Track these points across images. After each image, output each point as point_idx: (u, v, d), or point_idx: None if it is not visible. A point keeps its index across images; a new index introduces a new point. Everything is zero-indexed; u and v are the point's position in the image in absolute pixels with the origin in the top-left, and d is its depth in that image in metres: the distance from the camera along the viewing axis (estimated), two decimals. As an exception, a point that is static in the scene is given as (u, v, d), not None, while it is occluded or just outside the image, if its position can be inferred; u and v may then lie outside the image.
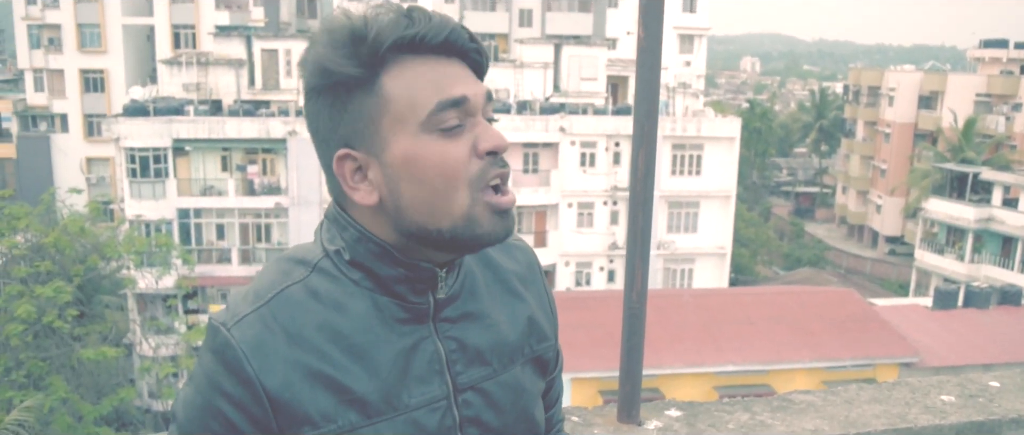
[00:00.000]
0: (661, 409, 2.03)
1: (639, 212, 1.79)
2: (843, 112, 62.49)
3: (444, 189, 1.09)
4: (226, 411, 1.09)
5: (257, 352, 1.08)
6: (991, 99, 50.66)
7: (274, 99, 32.34)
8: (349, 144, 1.11)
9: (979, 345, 22.59)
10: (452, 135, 1.09)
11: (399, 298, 1.15)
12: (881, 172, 55.16)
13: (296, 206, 29.07)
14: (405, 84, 1.08)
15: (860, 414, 2.05)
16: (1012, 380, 2.30)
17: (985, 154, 43.07)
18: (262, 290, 1.14)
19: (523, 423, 1.27)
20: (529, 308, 1.31)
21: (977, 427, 2.05)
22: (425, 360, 1.16)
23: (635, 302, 1.85)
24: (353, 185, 1.12)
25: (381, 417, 1.11)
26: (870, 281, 48.25)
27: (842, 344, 21.98)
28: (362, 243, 1.14)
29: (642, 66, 1.70)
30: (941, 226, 37.72)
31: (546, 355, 1.33)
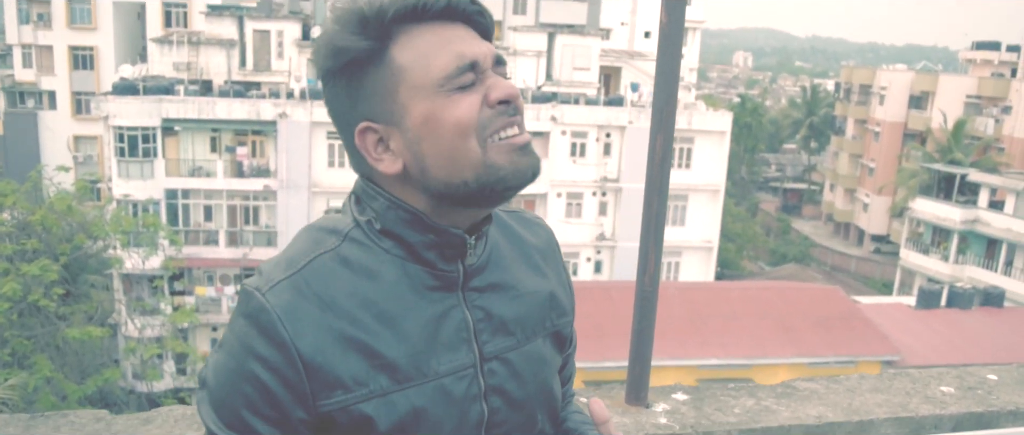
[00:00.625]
0: (668, 393, 2.07)
1: (655, 198, 1.81)
2: (834, 109, 62.72)
3: (459, 140, 1.12)
4: (260, 374, 1.10)
5: (291, 316, 1.10)
6: (981, 101, 50.92)
7: (265, 81, 32.17)
8: (368, 118, 1.15)
9: (960, 346, 22.77)
10: (466, 91, 1.13)
11: (429, 266, 1.18)
12: (869, 171, 55.41)
13: (285, 189, 28.97)
14: (415, 52, 1.12)
15: (863, 403, 2.09)
16: (1009, 374, 2.35)
17: (973, 156, 43.28)
18: (295, 258, 1.16)
19: (542, 394, 1.29)
20: (550, 283, 1.34)
21: (976, 418, 2.10)
22: (453, 328, 1.19)
23: (647, 287, 1.88)
24: (377, 156, 1.16)
25: (411, 383, 1.14)
26: (855, 279, 48.54)
27: (825, 341, 22.12)
28: (392, 210, 1.17)
29: (663, 54, 1.72)
30: (927, 226, 37.95)
31: (565, 330, 1.36)
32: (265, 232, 29.42)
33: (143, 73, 31.40)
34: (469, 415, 1.19)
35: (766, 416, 1.97)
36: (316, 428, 1.13)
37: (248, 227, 29.52)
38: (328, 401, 1.11)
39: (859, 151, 57.38)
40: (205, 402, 1.16)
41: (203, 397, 1.17)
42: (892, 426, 2.02)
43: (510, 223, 1.34)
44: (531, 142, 1.17)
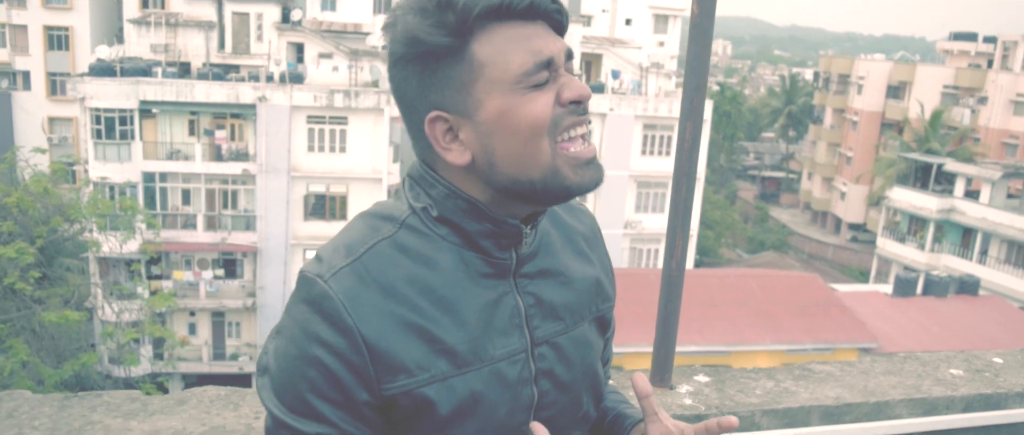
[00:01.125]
0: (690, 375, 2.11)
1: (683, 183, 1.84)
2: (812, 98, 63.08)
3: (531, 139, 1.14)
4: (324, 359, 1.12)
5: (354, 302, 1.12)
6: (958, 91, 51.39)
7: (244, 63, 31.92)
8: (440, 107, 1.16)
9: (936, 333, 23.07)
10: (540, 89, 1.14)
11: (484, 253, 1.20)
12: (847, 159, 55.85)
13: (264, 173, 28.79)
14: (495, 49, 1.13)
15: (877, 384, 2.14)
16: (1014, 358, 2.42)
17: (950, 146, 43.71)
18: (353, 245, 1.18)
19: (588, 378, 1.33)
20: (595, 269, 1.37)
21: (985, 399, 2.16)
22: (507, 314, 1.21)
23: (674, 272, 1.92)
24: (445, 146, 1.17)
25: (469, 367, 1.17)
26: (832, 267, 48.95)
27: (803, 328, 22.33)
28: (451, 200, 1.19)
29: (694, 41, 1.75)
30: (904, 215, 38.30)
31: (608, 315, 1.40)
32: (244, 216, 29.25)
33: (120, 54, 31.04)
34: (521, 398, 1.22)
35: (787, 397, 2.02)
36: (380, 410, 1.16)
37: (226, 211, 29.34)
38: (392, 385, 1.13)
39: (837, 140, 57.80)
40: (267, 389, 1.18)
41: (265, 384, 1.19)
42: (906, 407, 2.08)
43: (556, 210, 1.36)
44: (597, 154, 1.19)
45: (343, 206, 29.94)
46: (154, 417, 1.62)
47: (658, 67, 37.10)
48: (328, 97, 28.77)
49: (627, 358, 20.27)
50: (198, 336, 29.40)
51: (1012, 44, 53.73)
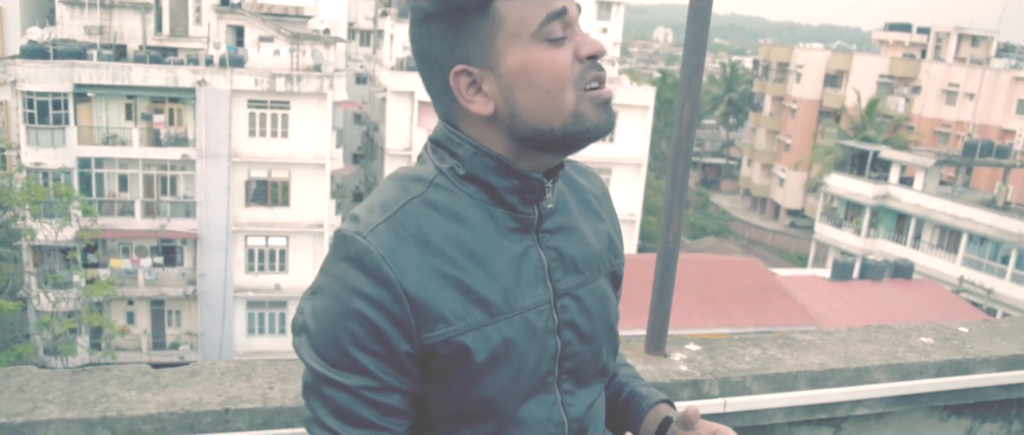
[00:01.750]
0: (681, 343, 2.20)
1: (681, 159, 1.92)
2: (752, 87, 64.03)
3: (555, 90, 1.21)
4: (366, 312, 1.17)
5: (393, 256, 1.18)
6: (893, 81, 52.66)
7: (183, 46, 31.32)
8: (464, 61, 1.22)
9: (873, 316, 23.69)
10: (558, 44, 1.22)
11: (510, 208, 1.27)
12: (786, 146, 56.90)
13: (204, 159, 28.32)
14: (515, 4, 1.21)
15: (857, 351, 2.25)
16: (978, 327, 2.56)
17: (885, 133, 44.78)
18: (388, 203, 1.24)
19: (607, 330, 1.40)
20: (607, 226, 1.46)
21: (955, 364, 2.29)
22: (532, 267, 1.29)
23: (670, 243, 1.99)
24: (469, 98, 1.24)
25: (502, 316, 1.24)
26: (771, 252, 49.89)
27: (744, 311, 22.73)
28: (478, 157, 1.26)
29: (692, 22, 1.82)
30: (841, 201, 39.18)
31: (619, 271, 1.48)
32: (183, 203, 28.78)
33: (52, 36, 30.25)
34: (547, 347, 1.29)
35: (775, 363, 2.12)
36: (419, 360, 1.22)
37: (165, 197, 28.83)
38: (432, 334, 1.19)
39: (776, 127, 58.83)
40: (306, 346, 1.23)
41: (303, 342, 1.23)
42: (884, 372, 2.20)
43: (570, 172, 1.44)
44: (613, 97, 1.27)
45: (285, 192, 29.63)
46: (168, 389, 1.64)
47: (602, 54, 37.27)
48: (269, 81, 28.41)
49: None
50: (137, 325, 28.89)
51: (945, 35, 55.23)
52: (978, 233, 32.82)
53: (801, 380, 2.07)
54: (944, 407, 2.43)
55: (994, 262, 32.45)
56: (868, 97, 47.65)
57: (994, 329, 2.56)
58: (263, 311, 30.11)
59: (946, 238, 34.49)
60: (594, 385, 1.40)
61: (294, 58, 29.92)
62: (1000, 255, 32.33)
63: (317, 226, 29.84)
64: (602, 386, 1.44)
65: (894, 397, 2.19)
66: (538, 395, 1.30)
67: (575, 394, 1.35)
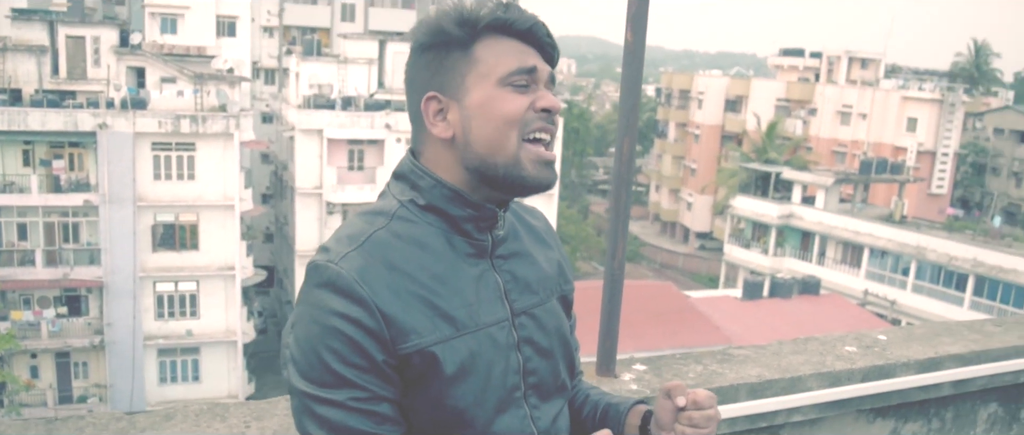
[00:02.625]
0: (629, 364, 2.32)
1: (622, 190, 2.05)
2: (656, 114, 65.38)
3: (503, 129, 1.37)
4: (344, 329, 1.28)
5: (365, 278, 1.31)
6: (790, 104, 54.51)
7: (82, 89, 30.42)
8: (438, 90, 1.39)
9: (784, 332, 24.35)
10: (519, 91, 1.39)
11: (466, 236, 1.42)
12: (691, 171, 58.22)
13: (107, 204, 27.54)
14: (493, 52, 1.39)
15: (790, 363, 2.42)
16: (895, 334, 2.77)
17: (785, 155, 46.24)
18: (355, 235, 1.37)
19: (563, 347, 1.54)
20: (557, 254, 1.61)
21: (878, 370, 2.48)
22: (490, 288, 1.42)
23: (616, 269, 2.11)
24: (433, 122, 1.40)
25: (467, 330, 1.37)
26: (683, 275, 50.85)
27: (662, 334, 23.12)
28: (437, 188, 1.40)
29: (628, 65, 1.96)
30: (747, 222, 40.24)
31: (570, 295, 1.62)
32: (87, 250, 27.87)
33: (-57, 83, 29.09)
34: (511, 361, 1.42)
35: (717, 378, 2.26)
36: (397, 369, 1.33)
37: (68, 245, 27.88)
38: (405, 345, 1.31)
39: (681, 153, 60.16)
40: (293, 374, 1.33)
41: (291, 371, 1.34)
42: (816, 380, 2.37)
43: (517, 209, 1.60)
44: (555, 161, 1.43)
45: (194, 235, 28.99)
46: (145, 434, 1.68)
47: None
48: (174, 123, 27.86)
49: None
50: (42, 379, 27.77)
51: (836, 59, 57.49)
52: (879, 247, 34.13)
53: (742, 392, 2.23)
54: (870, 410, 2.61)
55: (895, 274, 33.77)
56: (767, 120, 49.17)
57: (909, 335, 2.78)
58: (175, 359, 29.31)
59: (849, 253, 35.75)
60: (556, 400, 1.52)
61: (198, 99, 29.41)
62: (900, 267, 33.66)
63: (228, 269, 29.24)
64: (564, 402, 1.55)
65: (825, 403, 2.37)
66: (510, 410, 1.41)
67: (541, 409, 1.47)
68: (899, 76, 56.34)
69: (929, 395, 2.64)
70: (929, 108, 47.78)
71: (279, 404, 1.87)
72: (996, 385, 2.81)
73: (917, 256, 32.65)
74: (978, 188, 57.77)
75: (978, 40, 64.25)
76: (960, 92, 50.20)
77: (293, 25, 45.38)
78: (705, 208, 55.99)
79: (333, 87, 35.77)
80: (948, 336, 2.81)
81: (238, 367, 29.73)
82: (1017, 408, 2.98)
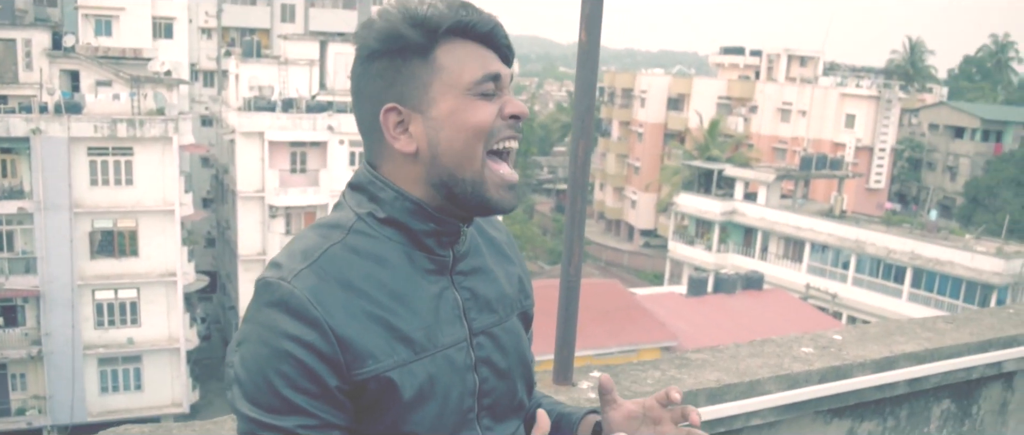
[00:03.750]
0: (586, 372, 2.27)
1: (577, 196, 1.99)
2: (599, 112, 65.76)
3: (473, 139, 1.29)
4: (296, 353, 1.19)
5: (318, 297, 1.21)
6: (731, 101, 55.22)
7: (13, 94, 29.69)
8: (397, 101, 1.30)
9: (729, 328, 24.65)
10: (487, 99, 1.31)
11: (427, 251, 1.34)
12: (635, 169, 58.66)
13: (42, 211, 26.88)
14: (455, 58, 1.30)
15: (747, 366, 2.39)
16: (850, 334, 2.76)
17: (727, 152, 46.82)
18: (308, 250, 1.28)
19: (522, 366, 1.47)
20: (517, 269, 1.54)
21: (835, 370, 2.47)
22: (449, 306, 1.35)
23: (572, 276, 2.06)
24: (395, 135, 1.31)
25: (425, 353, 1.29)
26: (628, 272, 51.18)
27: (607, 332, 23.24)
28: (399, 201, 1.32)
29: (582, 67, 1.90)
30: (691, 219, 40.65)
31: (530, 311, 1.55)
32: (22, 258, 27.18)
33: None
34: (467, 383, 1.34)
35: (675, 384, 2.22)
36: (350, 395, 1.24)
37: (2, 254, 27.18)
38: (361, 370, 1.22)
39: (625, 151, 60.59)
40: (239, 397, 1.23)
41: (237, 394, 1.24)
42: (774, 383, 2.34)
43: (478, 221, 1.51)
44: (517, 183, 1.37)
45: (133, 241, 28.42)
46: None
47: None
48: (110, 127, 27.28)
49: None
50: (-17, 392, 27.01)
51: (776, 57, 58.38)
52: (819, 242, 34.73)
53: (701, 397, 2.19)
54: (827, 410, 2.60)
55: (836, 268, 34.39)
56: (709, 118, 49.75)
57: (864, 335, 2.77)
58: (116, 368, 28.69)
59: (791, 248, 36.32)
60: (511, 421, 1.45)
61: (135, 102, 28.82)
62: (841, 261, 34.30)
63: (169, 275, 28.71)
64: (519, 422, 1.49)
65: (783, 406, 2.35)
66: (461, 433, 1.34)
67: (494, 430, 1.40)
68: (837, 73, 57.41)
69: (884, 394, 2.64)
70: (867, 105, 48.76)
71: (226, 423, 1.79)
72: (949, 383, 2.83)
73: (857, 250, 33.28)
74: (914, 183, 59.11)
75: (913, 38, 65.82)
76: (896, 89, 51.34)
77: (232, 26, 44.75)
78: (649, 206, 56.45)
79: (274, 89, 35.32)
80: (902, 335, 2.82)
81: (182, 375, 29.21)
82: (969, 404, 3.01)
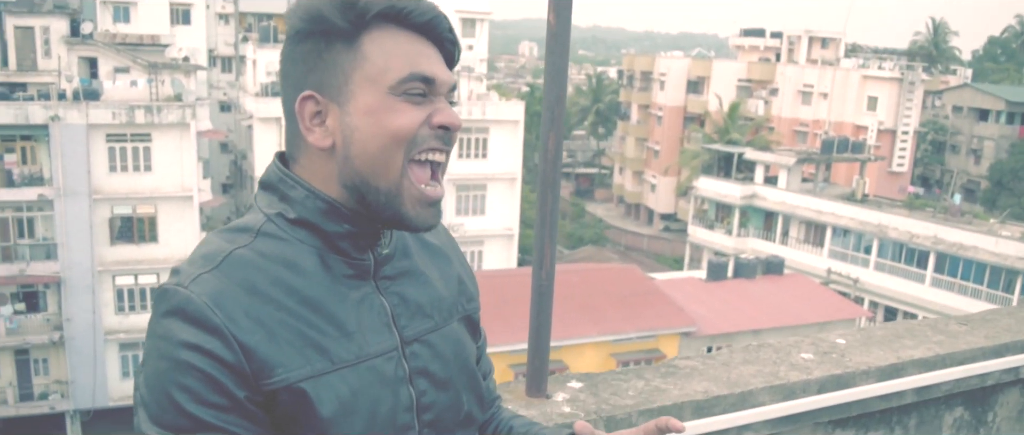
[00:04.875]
0: (564, 382, 2.11)
1: (548, 193, 1.83)
2: (618, 96, 65.38)
3: (392, 145, 1.15)
4: (198, 363, 1.07)
5: (220, 304, 1.09)
6: (751, 84, 54.73)
7: (32, 81, 29.82)
8: (316, 88, 1.17)
9: (748, 313, 24.45)
10: (414, 102, 1.17)
11: (343, 255, 1.20)
12: (655, 153, 58.32)
13: (62, 197, 27.03)
14: (384, 49, 1.16)
15: (740, 375, 2.22)
16: (854, 338, 2.58)
17: (748, 135, 46.45)
18: (211, 255, 1.15)
19: (466, 376, 1.33)
20: (456, 270, 1.40)
21: (836, 380, 2.29)
22: (374, 313, 1.21)
23: (544, 281, 1.90)
24: (309, 126, 1.18)
25: (345, 364, 1.15)
26: (647, 257, 50.95)
27: (626, 318, 23.09)
28: (310, 200, 1.19)
29: (552, 53, 1.74)
30: (710, 203, 40.36)
31: (475, 315, 1.41)
32: (43, 245, 27.36)
33: None
34: (400, 397, 1.21)
35: (659, 396, 2.05)
36: (263, 407, 1.11)
37: (23, 240, 27.34)
38: (270, 380, 1.10)
39: (644, 135, 60.23)
40: (145, 421, 1.10)
41: (142, 417, 1.10)
42: (768, 394, 2.17)
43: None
44: (440, 200, 1.22)
45: (153, 227, 28.54)
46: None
47: (469, 71, 37.44)
48: (128, 113, 27.35)
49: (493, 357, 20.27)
50: (1, 377, 27.21)
51: (796, 39, 57.75)
52: (841, 226, 34.36)
53: (686, 410, 2.02)
54: (828, 422, 2.41)
55: (858, 252, 34.03)
56: (729, 101, 49.35)
57: (869, 338, 2.58)
58: (137, 353, 28.82)
59: (812, 233, 35.97)
60: None
61: (153, 88, 28.88)
62: (863, 246, 33.93)
63: (188, 261, 28.81)
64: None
65: (779, 418, 2.18)
66: None
67: None
68: (859, 55, 56.69)
69: (891, 403, 2.45)
70: (889, 87, 48.15)
71: None
72: (962, 389, 2.64)
73: (879, 234, 32.90)
74: (938, 166, 58.39)
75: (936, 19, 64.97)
76: (919, 70, 50.61)
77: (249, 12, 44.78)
78: (669, 190, 56.12)
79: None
80: (911, 338, 2.62)
81: (200, 361, 29.33)
82: (984, 412, 2.81)
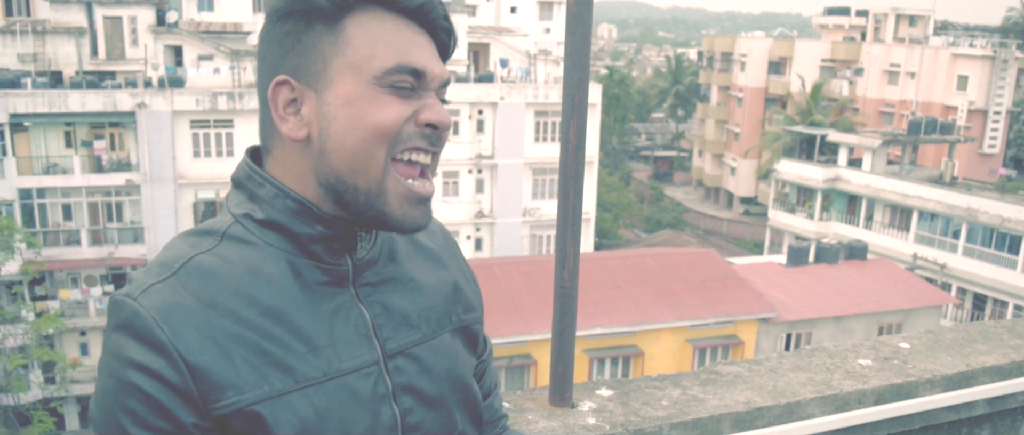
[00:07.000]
0: (592, 389, 1.97)
1: (570, 187, 1.69)
2: (698, 78, 64.43)
3: (372, 141, 1.04)
4: (142, 385, 0.99)
5: (168, 318, 1.01)
6: (835, 64, 53.27)
7: (120, 70, 30.72)
8: (292, 73, 1.07)
9: (830, 299, 23.82)
10: (400, 96, 1.05)
11: (316, 259, 1.09)
12: (735, 135, 57.30)
13: (149, 183, 27.82)
14: (369, 34, 1.05)
15: (788, 383, 2.04)
16: (920, 341, 2.36)
17: (831, 117, 45.28)
18: (168, 261, 1.06)
19: (459, 392, 1.21)
20: (452, 275, 1.27)
21: (896, 389, 2.08)
22: (351, 325, 1.10)
23: (567, 282, 1.77)
24: (283, 115, 1.08)
25: (310, 382, 1.05)
26: (726, 241, 50.20)
27: (703, 303, 22.71)
28: (280, 199, 1.08)
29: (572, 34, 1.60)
30: (792, 186, 39.47)
31: (474, 327, 1.29)
32: (131, 228, 28.21)
33: (-16, 66, 29.47)
34: (380, 417, 1.09)
35: (695, 406, 1.89)
36: (213, 433, 1.02)
37: (112, 224, 28.24)
38: (219, 404, 1.00)
39: (724, 117, 59.22)
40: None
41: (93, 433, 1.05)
42: (818, 405, 1.98)
43: None
44: (431, 196, 1.10)
45: (236, 211, 29.20)
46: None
47: (546, 54, 37.24)
48: (211, 100, 27.95)
49: (533, 345, 20.30)
50: (91, 356, 28.20)
51: (883, 16, 55.97)
52: (928, 210, 33.22)
53: (725, 424, 1.85)
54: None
55: (945, 237, 32.87)
56: (812, 82, 48.15)
57: (937, 342, 2.35)
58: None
59: (897, 217, 34.88)
60: None
61: (235, 75, 29.45)
62: (951, 230, 32.75)
63: (269, 244, 29.41)
64: None
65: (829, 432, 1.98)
66: None
67: None
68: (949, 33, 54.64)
69: (960, 415, 2.22)
70: (980, 65, 46.28)
71: None
72: (1042, 398, 2.39)
73: (968, 218, 31.70)
74: (1033, 146, 55.99)
75: (1033, -7, 62.09)
76: (1013, 48, 48.43)
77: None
78: (749, 173, 55.11)
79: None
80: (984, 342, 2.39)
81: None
82: (1066, 422, 2.57)
